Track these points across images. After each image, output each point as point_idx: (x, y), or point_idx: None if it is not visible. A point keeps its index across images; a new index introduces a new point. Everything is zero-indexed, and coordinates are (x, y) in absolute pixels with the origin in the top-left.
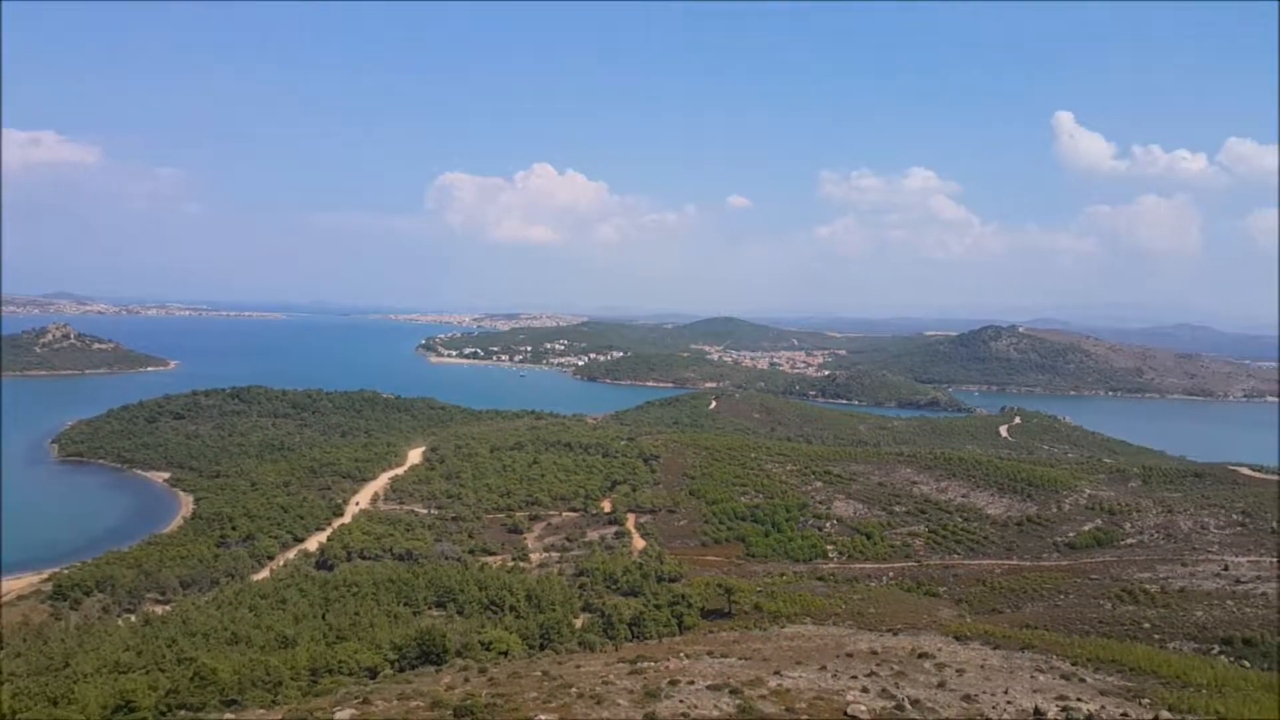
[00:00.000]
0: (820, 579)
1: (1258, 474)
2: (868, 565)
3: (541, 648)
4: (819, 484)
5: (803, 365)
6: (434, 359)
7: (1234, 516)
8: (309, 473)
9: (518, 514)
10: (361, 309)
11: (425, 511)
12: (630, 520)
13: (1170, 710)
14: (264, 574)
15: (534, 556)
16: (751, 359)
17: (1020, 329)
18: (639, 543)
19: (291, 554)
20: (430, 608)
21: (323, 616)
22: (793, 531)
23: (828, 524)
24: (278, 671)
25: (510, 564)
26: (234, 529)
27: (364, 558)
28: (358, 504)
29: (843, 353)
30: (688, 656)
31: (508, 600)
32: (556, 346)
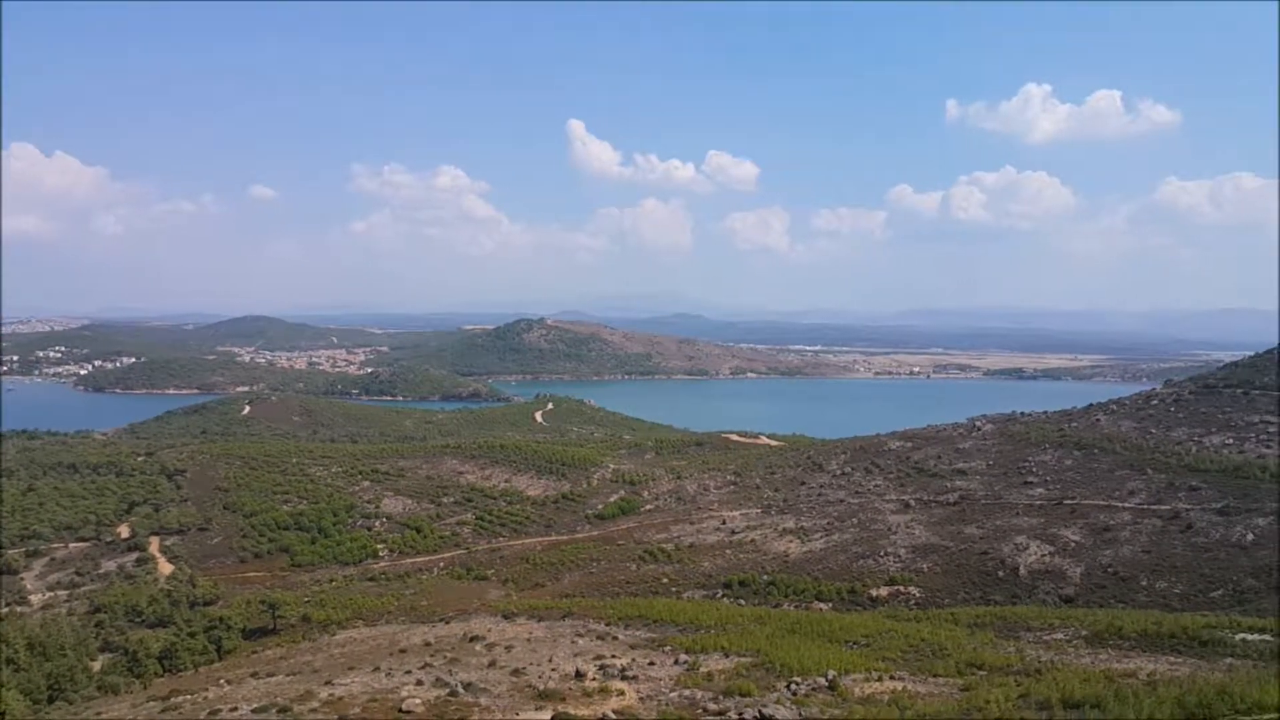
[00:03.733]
0: (371, 579)
1: (744, 439)
2: (419, 559)
3: (51, 701)
4: (366, 483)
5: (344, 364)
6: None
7: (728, 477)
8: None
9: (10, 552)
10: None
11: None
12: (154, 544)
13: (687, 652)
14: None
15: (35, 598)
16: (288, 359)
17: (549, 321)
18: (166, 568)
19: None
20: None
21: None
22: (341, 535)
23: (377, 523)
24: None
25: (4, 610)
26: None
27: None
28: None
29: (385, 349)
30: (229, 682)
31: (3, 653)
32: (52, 355)
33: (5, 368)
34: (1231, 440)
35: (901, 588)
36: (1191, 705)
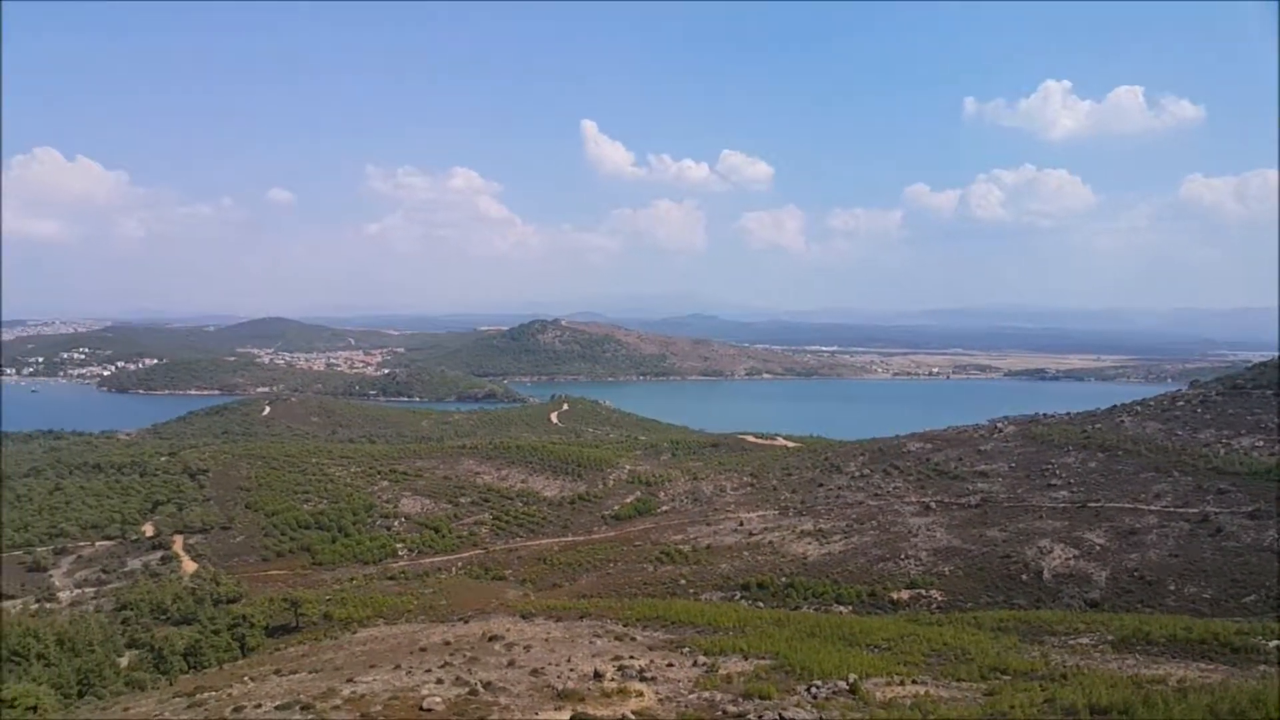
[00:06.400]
0: (391, 578)
1: (760, 440)
2: (438, 558)
3: (80, 695)
4: (385, 483)
5: (361, 365)
6: None
7: (745, 478)
8: None
9: (39, 549)
10: None
11: None
12: (178, 543)
13: (705, 654)
14: None
15: (63, 595)
16: (307, 360)
17: (563, 322)
18: (190, 566)
19: None
20: None
21: None
22: (361, 534)
23: (396, 522)
24: None
25: (34, 607)
26: None
27: None
28: None
29: (401, 350)
30: (253, 679)
31: (33, 648)
32: (76, 356)
33: (31, 369)
34: (1261, 442)
35: (923, 591)
36: (1224, 713)
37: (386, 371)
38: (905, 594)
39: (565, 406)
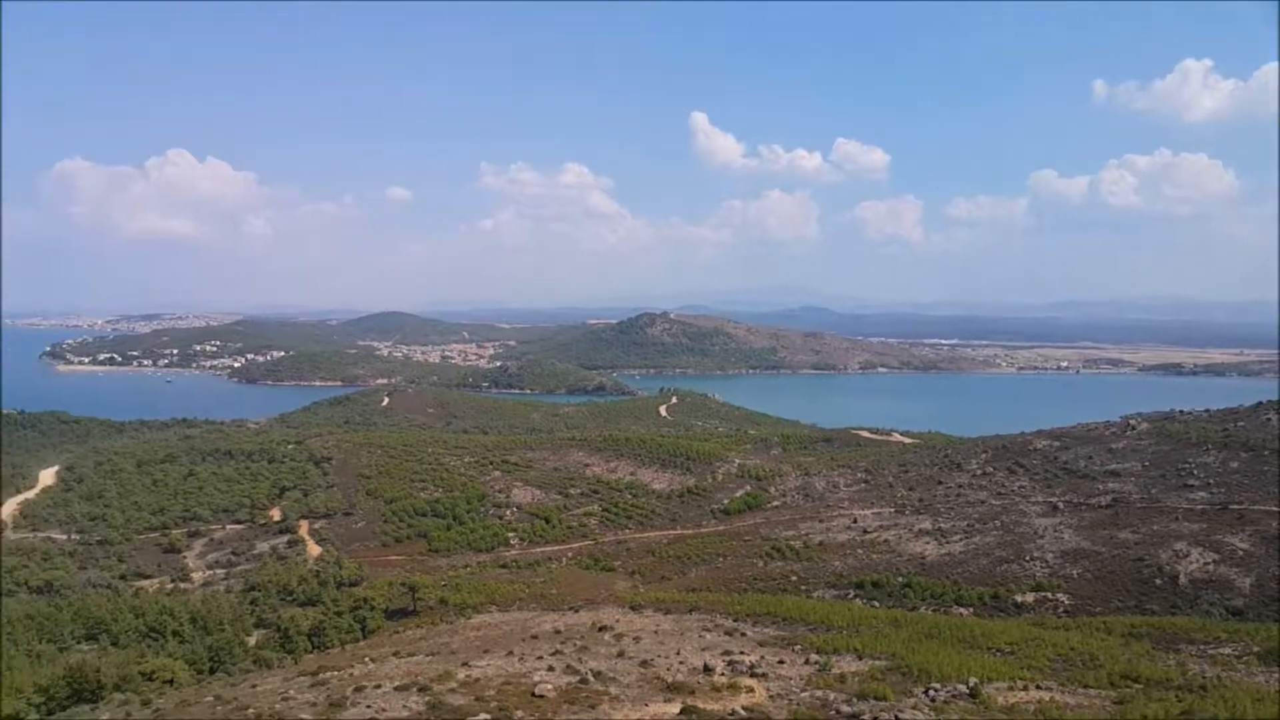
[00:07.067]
0: (503, 566)
1: (875, 436)
2: (548, 548)
3: (212, 671)
4: (497, 473)
5: (474, 357)
6: (62, 367)
7: (859, 475)
8: None
9: (174, 532)
10: None
11: (65, 537)
12: (303, 527)
13: (818, 652)
14: None
15: (196, 576)
16: (423, 353)
17: (671, 315)
18: (314, 550)
19: None
20: (79, 642)
21: None
22: (474, 522)
23: (508, 512)
24: None
25: (170, 586)
26: None
27: None
28: None
29: (513, 343)
30: (373, 660)
31: (169, 625)
32: (208, 348)
33: (167, 360)
34: None
35: (1049, 594)
36: None
37: (498, 364)
38: (1030, 597)
39: (674, 399)
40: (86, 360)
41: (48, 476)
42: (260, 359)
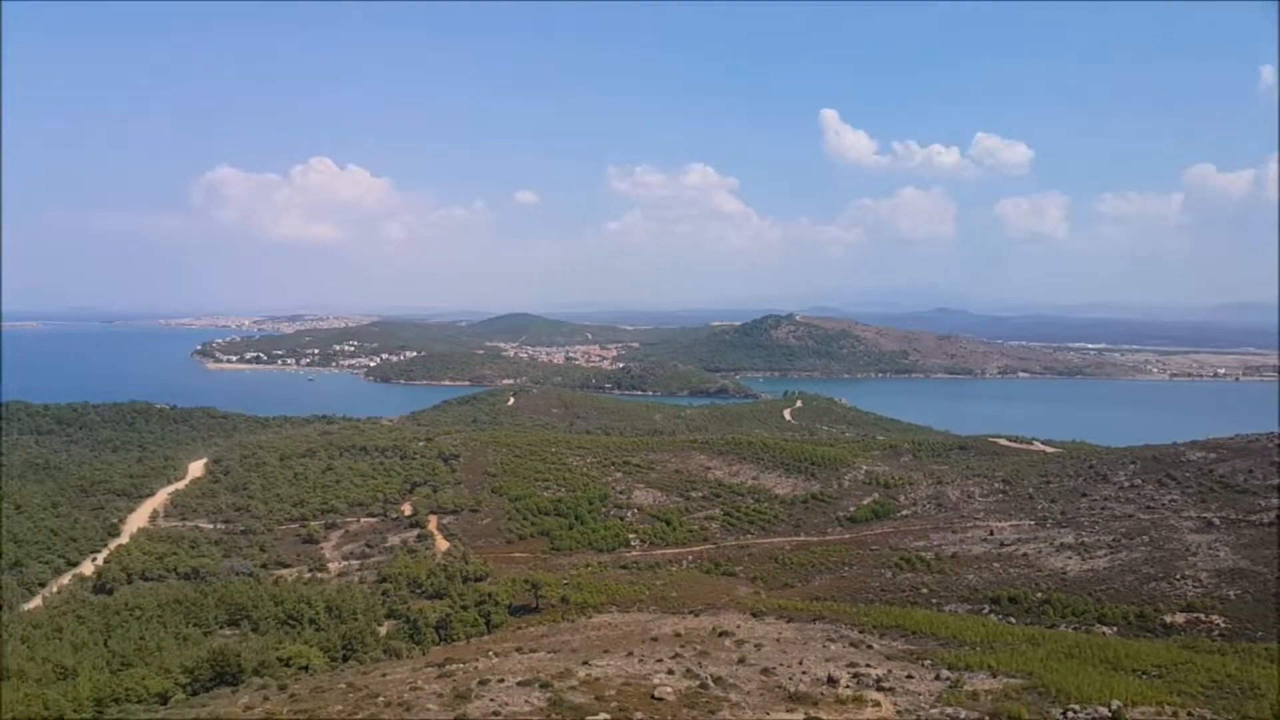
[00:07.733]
0: (624, 567)
1: (1014, 444)
2: (669, 550)
3: (345, 659)
4: (619, 474)
5: (598, 359)
6: (212, 365)
7: (996, 485)
8: (79, 492)
9: (312, 523)
10: (126, 314)
11: (211, 527)
12: (432, 522)
13: (949, 668)
14: (36, 603)
15: (332, 566)
16: (547, 354)
17: (797, 317)
18: (442, 544)
19: (66, 579)
20: (222, 627)
21: (104, 643)
22: (595, 523)
23: (629, 513)
24: (57, 705)
25: (307, 575)
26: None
27: (146, 579)
28: (136, 523)
29: (635, 345)
30: (497, 655)
31: (306, 613)
32: (346, 348)
33: (308, 359)
34: None
35: (1202, 615)
36: None
37: (621, 365)
38: (1180, 618)
39: (799, 403)
40: (234, 359)
41: (197, 469)
42: (394, 359)
